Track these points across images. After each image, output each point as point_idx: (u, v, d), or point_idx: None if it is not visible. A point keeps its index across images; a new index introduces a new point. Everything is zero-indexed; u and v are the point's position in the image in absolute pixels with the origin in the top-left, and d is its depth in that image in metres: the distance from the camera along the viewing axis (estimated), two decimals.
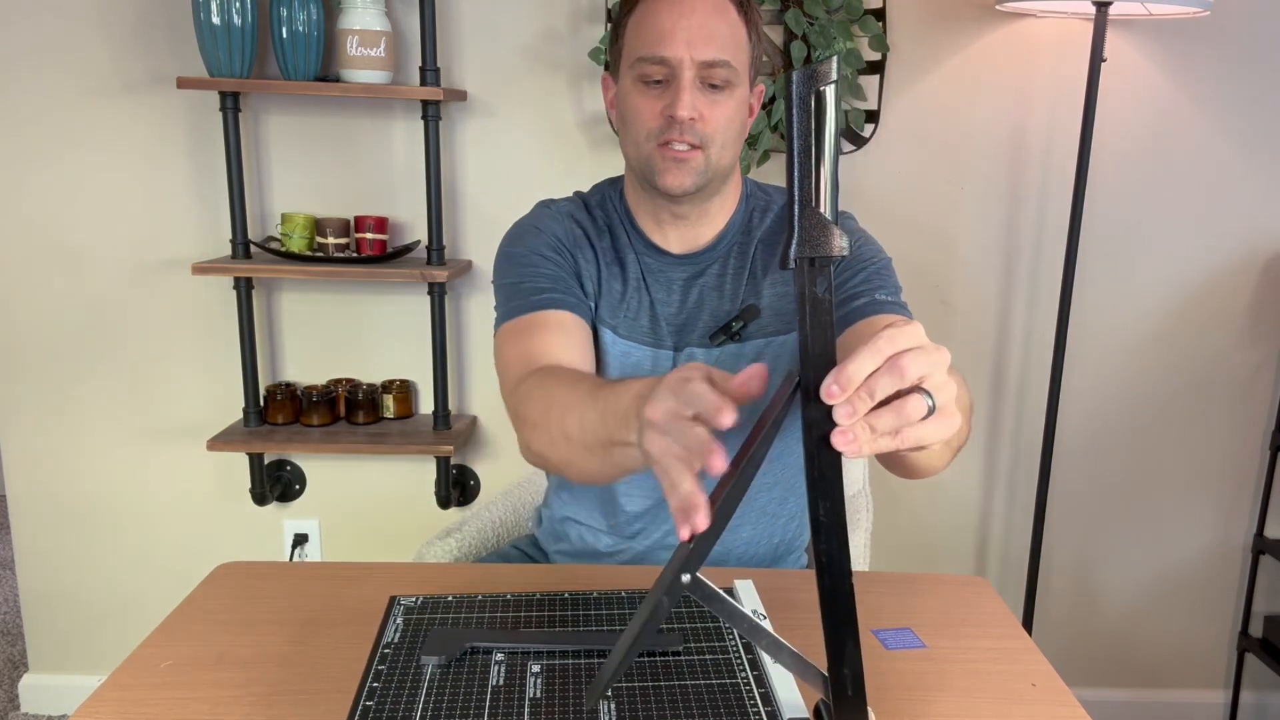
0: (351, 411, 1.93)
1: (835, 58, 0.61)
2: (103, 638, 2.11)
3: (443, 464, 1.97)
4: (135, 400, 1.99)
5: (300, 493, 2.05)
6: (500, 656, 0.84)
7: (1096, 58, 1.71)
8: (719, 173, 1.10)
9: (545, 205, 1.22)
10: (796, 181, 0.61)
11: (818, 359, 0.62)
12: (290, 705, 0.81)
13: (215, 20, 1.68)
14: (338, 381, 1.97)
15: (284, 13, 1.71)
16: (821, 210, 0.60)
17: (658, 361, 1.16)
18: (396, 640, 0.87)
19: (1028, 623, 1.98)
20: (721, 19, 1.06)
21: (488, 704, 0.77)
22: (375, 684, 0.81)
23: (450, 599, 0.95)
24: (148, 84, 1.85)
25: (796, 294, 0.62)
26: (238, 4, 1.69)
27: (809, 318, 0.62)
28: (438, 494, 2.00)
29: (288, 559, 2.07)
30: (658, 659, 0.84)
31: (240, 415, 1.94)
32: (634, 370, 1.16)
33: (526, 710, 0.76)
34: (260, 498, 1.99)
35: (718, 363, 1.15)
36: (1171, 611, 2.15)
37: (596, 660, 0.83)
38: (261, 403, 1.93)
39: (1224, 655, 2.17)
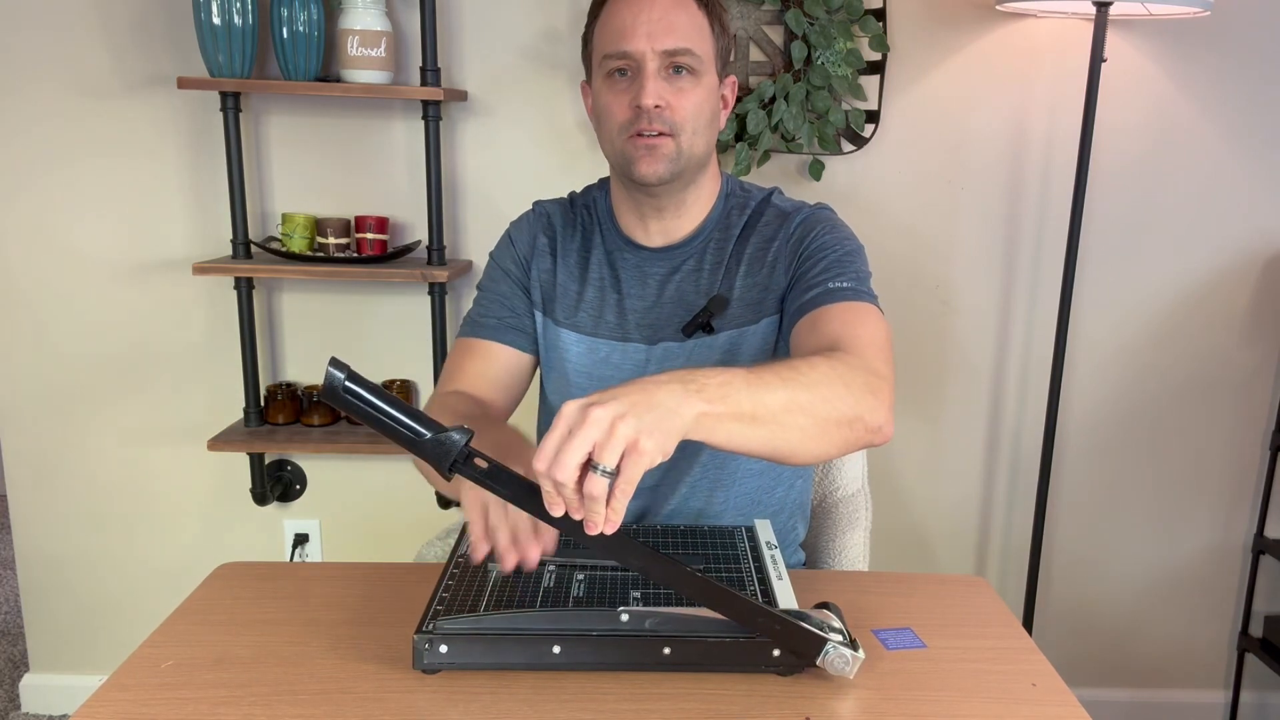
0: None
1: (335, 363, 0.75)
2: (103, 638, 2.11)
3: None
4: (135, 400, 1.99)
5: (300, 493, 2.05)
6: (552, 566, 0.99)
7: (1096, 58, 1.71)
8: (692, 161, 1.13)
9: (535, 205, 1.29)
10: (401, 439, 0.76)
11: (533, 502, 0.77)
12: (290, 705, 0.81)
13: (216, 20, 1.69)
14: None
15: (284, 13, 1.71)
16: (425, 437, 0.76)
17: (626, 355, 1.20)
18: (468, 553, 1.00)
19: (1028, 623, 1.98)
20: (681, 11, 1.10)
21: (539, 600, 0.92)
22: (450, 581, 0.95)
23: None
24: (148, 84, 1.85)
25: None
26: (238, 4, 1.69)
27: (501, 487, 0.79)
28: (438, 494, 2.00)
29: (288, 559, 2.07)
30: None
31: (241, 415, 1.95)
32: (601, 365, 1.20)
33: (570, 604, 0.91)
34: (260, 498, 1.99)
35: (691, 354, 1.18)
36: (1171, 611, 2.15)
37: (630, 573, 0.98)
38: (262, 403, 1.93)
39: (1224, 655, 2.17)
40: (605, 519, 0.74)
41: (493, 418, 1.14)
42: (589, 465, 0.72)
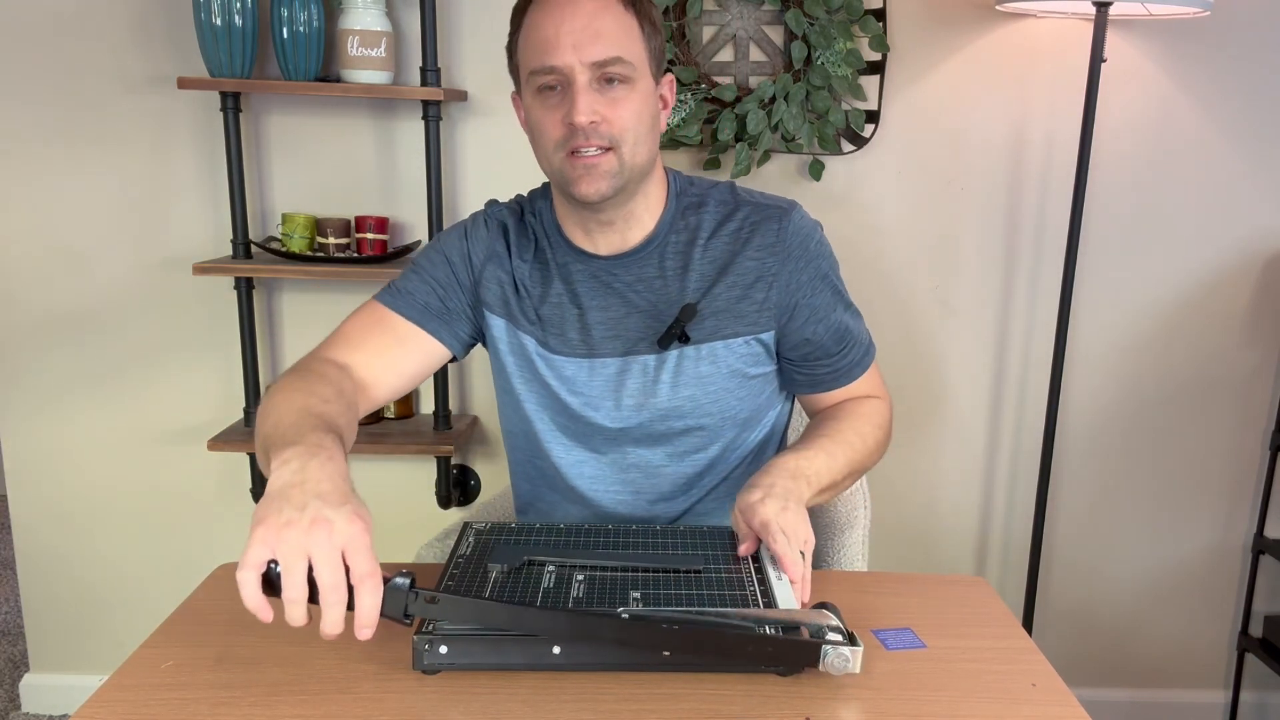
0: None
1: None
2: (103, 638, 2.12)
3: (443, 464, 1.97)
4: (136, 400, 1.99)
5: None
6: (552, 567, 0.99)
7: (1096, 58, 1.71)
8: (635, 171, 1.08)
9: (490, 205, 1.23)
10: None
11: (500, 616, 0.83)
12: (290, 705, 0.81)
13: (216, 21, 1.69)
14: None
15: (285, 13, 1.71)
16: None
17: (594, 370, 1.16)
18: (468, 554, 1.02)
19: (1028, 623, 1.98)
20: (606, 16, 1.04)
21: (539, 600, 0.92)
22: (450, 582, 0.94)
23: (514, 525, 1.11)
24: (148, 84, 1.85)
25: None
26: (238, 4, 1.69)
27: None
28: (438, 494, 2.00)
29: None
30: (682, 575, 0.98)
31: (241, 415, 1.95)
32: (570, 381, 1.16)
33: (570, 604, 0.91)
34: (260, 498, 1.99)
35: (678, 365, 1.15)
36: (1171, 611, 2.15)
37: (630, 573, 0.98)
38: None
39: (1224, 655, 2.17)
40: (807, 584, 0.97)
41: (343, 416, 0.99)
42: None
